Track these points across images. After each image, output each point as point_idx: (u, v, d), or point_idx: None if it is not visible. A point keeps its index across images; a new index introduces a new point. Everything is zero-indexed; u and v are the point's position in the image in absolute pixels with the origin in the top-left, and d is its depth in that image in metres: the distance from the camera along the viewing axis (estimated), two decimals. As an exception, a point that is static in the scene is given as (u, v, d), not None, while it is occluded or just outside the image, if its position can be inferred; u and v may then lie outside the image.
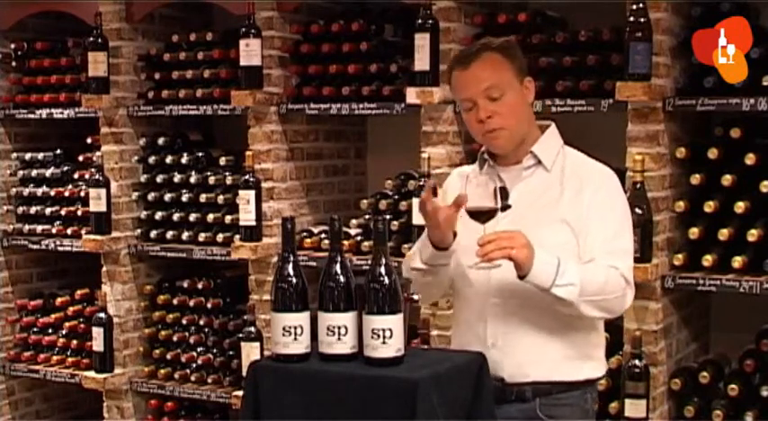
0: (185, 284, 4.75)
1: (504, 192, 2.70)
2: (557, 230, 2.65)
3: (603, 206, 2.69)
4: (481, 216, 2.56)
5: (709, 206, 3.55)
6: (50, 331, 5.11)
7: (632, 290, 2.69)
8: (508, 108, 2.68)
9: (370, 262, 2.53)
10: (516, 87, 2.71)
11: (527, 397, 2.70)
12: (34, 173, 5.13)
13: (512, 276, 2.60)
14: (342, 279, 2.53)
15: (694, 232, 3.58)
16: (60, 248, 5.00)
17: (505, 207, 2.67)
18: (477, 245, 2.50)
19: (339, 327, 2.51)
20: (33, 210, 5.10)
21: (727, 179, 3.53)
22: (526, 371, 2.69)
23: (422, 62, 3.91)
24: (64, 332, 5.06)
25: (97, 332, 4.67)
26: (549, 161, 2.75)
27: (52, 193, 5.04)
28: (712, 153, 3.57)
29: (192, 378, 4.67)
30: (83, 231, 4.87)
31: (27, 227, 5.12)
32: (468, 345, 2.75)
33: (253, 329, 4.15)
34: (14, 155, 5.18)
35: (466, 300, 2.79)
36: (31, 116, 5.06)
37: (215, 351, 4.66)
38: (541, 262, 2.52)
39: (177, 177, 4.67)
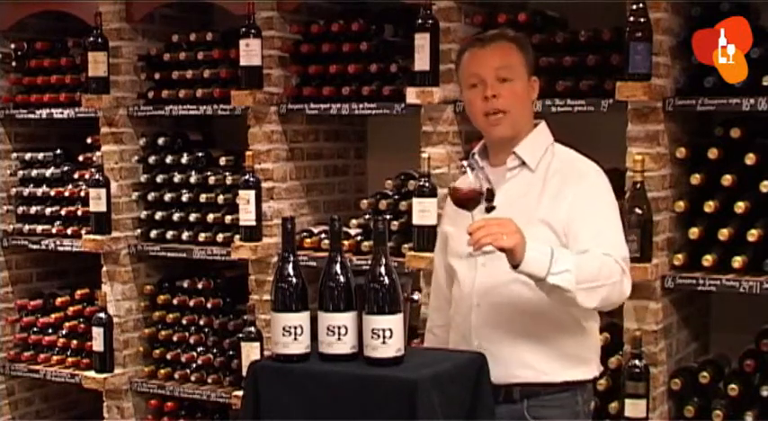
0: (185, 284, 4.75)
1: (490, 194, 2.70)
2: (537, 231, 2.62)
3: (587, 205, 2.66)
4: (468, 204, 2.57)
5: (709, 206, 3.54)
6: (50, 331, 5.10)
7: (629, 279, 2.63)
8: (514, 93, 2.73)
9: (370, 262, 2.53)
10: (525, 79, 2.77)
11: (515, 398, 2.69)
12: (34, 173, 5.12)
13: (495, 279, 2.61)
14: (342, 279, 2.54)
15: (694, 232, 3.58)
16: (60, 248, 4.99)
17: (490, 209, 2.67)
18: (467, 233, 2.47)
19: (339, 327, 2.52)
20: (33, 210, 5.10)
21: (727, 179, 3.53)
22: (512, 372, 2.68)
23: (422, 62, 3.90)
24: (64, 332, 5.05)
25: (97, 332, 4.67)
26: (534, 161, 2.74)
27: (52, 193, 5.04)
28: (712, 153, 3.57)
29: (192, 378, 4.67)
30: (83, 231, 4.87)
31: (27, 227, 5.11)
32: (457, 345, 2.77)
33: (253, 329, 4.14)
34: (14, 155, 5.17)
35: (455, 300, 2.81)
36: (31, 116, 5.06)
37: (215, 351, 4.65)
38: (534, 250, 2.47)
39: (177, 177, 4.67)
